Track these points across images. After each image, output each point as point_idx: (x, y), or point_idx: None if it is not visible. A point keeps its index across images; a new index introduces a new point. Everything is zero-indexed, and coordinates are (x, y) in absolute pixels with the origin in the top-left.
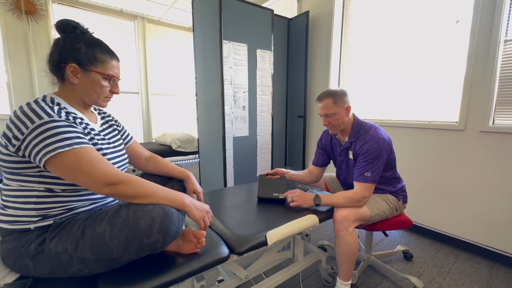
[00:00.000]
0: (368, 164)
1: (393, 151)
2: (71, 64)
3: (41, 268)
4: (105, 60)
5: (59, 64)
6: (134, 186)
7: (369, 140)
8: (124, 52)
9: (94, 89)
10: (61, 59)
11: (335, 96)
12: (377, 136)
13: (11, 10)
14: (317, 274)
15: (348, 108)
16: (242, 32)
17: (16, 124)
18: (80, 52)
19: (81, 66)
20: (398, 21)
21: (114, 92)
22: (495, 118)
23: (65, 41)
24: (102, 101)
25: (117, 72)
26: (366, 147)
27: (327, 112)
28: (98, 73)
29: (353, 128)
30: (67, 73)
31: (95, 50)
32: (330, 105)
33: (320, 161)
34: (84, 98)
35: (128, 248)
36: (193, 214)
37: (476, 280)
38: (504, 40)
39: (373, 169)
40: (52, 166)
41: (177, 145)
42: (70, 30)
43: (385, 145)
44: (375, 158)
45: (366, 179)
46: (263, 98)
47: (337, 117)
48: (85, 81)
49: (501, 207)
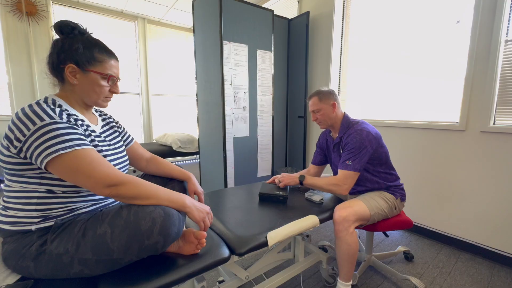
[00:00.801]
0: (350, 153)
1: (383, 145)
2: (70, 64)
3: (42, 269)
4: (103, 60)
5: (58, 65)
6: (135, 187)
7: (353, 133)
8: (125, 52)
9: (94, 89)
10: (60, 60)
11: (320, 94)
12: (361, 129)
13: (12, 11)
14: (317, 274)
15: (333, 104)
16: (243, 33)
17: (18, 126)
18: (78, 53)
19: (79, 67)
20: (398, 21)
21: (114, 92)
22: (496, 119)
23: (63, 42)
24: (102, 101)
25: (116, 71)
26: (349, 138)
27: (313, 108)
28: (97, 73)
29: (342, 124)
30: (66, 73)
31: (93, 50)
32: (316, 102)
33: (318, 160)
34: (84, 98)
35: (129, 249)
36: (194, 215)
37: (477, 280)
38: (505, 40)
39: (354, 158)
40: (53, 167)
41: (178, 146)
42: (68, 31)
43: (369, 137)
44: (357, 148)
45: (347, 166)
46: (263, 98)
47: (322, 112)
48: (84, 81)
49: (502, 207)
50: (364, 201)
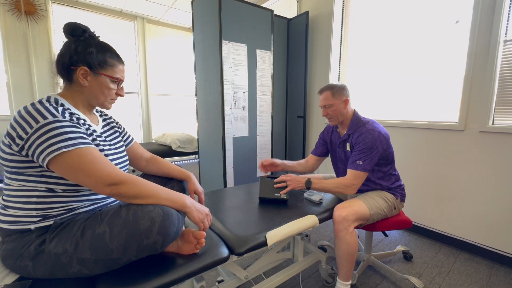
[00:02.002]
0: (361, 153)
1: (391, 146)
2: (82, 67)
3: (40, 268)
4: (114, 64)
5: (69, 67)
6: (136, 186)
7: (365, 132)
8: (124, 52)
9: (103, 92)
10: (72, 61)
11: (333, 89)
12: (373, 129)
13: (11, 11)
14: (317, 274)
15: (346, 100)
16: (242, 32)
17: (21, 123)
18: (92, 56)
19: (91, 69)
20: (398, 21)
21: (120, 95)
22: (495, 118)
23: (76, 45)
24: (108, 103)
25: (123, 75)
26: (361, 138)
27: (325, 103)
28: (108, 76)
29: (351, 121)
30: (77, 75)
31: (106, 54)
32: (328, 96)
33: (319, 151)
34: (91, 100)
35: (127, 248)
36: (193, 215)
37: (476, 280)
38: (504, 40)
39: (365, 158)
40: (55, 165)
41: (177, 146)
42: (79, 33)
43: (380, 138)
44: (368, 149)
45: (357, 166)
46: (263, 98)
47: (334, 108)
48: (95, 84)
49: (501, 207)
50: (364, 201)
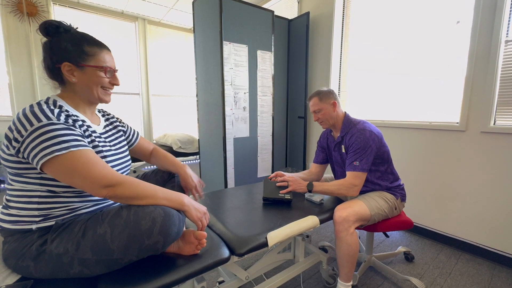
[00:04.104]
0: (356, 154)
1: (385, 144)
2: (65, 63)
3: (42, 269)
4: (94, 52)
5: (54, 67)
6: (132, 187)
7: (356, 132)
8: (125, 53)
9: (94, 83)
10: (53, 61)
11: (320, 94)
12: (363, 129)
13: (13, 12)
14: (318, 275)
15: (334, 103)
16: (243, 33)
17: (17, 126)
18: (68, 50)
19: (74, 64)
20: (398, 22)
21: (114, 84)
22: (496, 119)
23: (52, 44)
24: (104, 95)
25: (111, 62)
26: (353, 138)
27: (314, 109)
28: (92, 66)
29: (343, 123)
30: (63, 73)
31: (82, 45)
32: (316, 102)
33: (320, 158)
34: (88, 96)
35: (129, 249)
36: (191, 214)
37: (477, 281)
38: (505, 40)
39: (361, 158)
40: (49, 169)
41: (178, 146)
42: (53, 30)
43: (372, 136)
44: (362, 148)
45: (355, 167)
46: (263, 99)
47: (323, 112)
48: (83, 77)
49: (502, 208)
50: (364, 202)
